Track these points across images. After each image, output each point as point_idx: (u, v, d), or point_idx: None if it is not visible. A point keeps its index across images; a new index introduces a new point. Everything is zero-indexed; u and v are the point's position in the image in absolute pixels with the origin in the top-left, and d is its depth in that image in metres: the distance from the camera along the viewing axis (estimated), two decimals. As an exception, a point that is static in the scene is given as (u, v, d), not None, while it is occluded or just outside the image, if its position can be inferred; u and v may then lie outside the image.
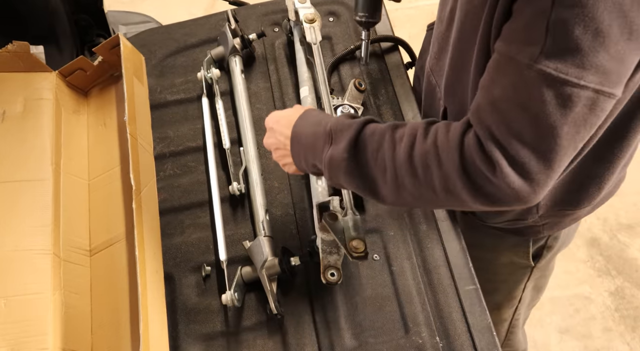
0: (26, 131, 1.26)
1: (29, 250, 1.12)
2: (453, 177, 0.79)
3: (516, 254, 1.26)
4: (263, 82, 1.39)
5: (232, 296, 1.06)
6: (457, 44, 0.96)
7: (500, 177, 0.76)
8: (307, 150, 0.95)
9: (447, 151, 0.79)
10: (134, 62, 1.34)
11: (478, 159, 0.77)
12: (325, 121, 0.93)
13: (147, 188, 1.18)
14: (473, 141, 0.78)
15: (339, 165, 0.88)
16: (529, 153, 0.75)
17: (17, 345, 1.02)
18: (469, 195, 0.79)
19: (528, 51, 0.73)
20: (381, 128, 0.87)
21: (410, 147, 0.82)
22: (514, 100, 0.75)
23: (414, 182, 0.83)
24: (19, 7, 1.49)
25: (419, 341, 1.04)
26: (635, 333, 2.16)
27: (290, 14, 1.34)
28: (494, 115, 0.76)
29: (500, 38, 0.78)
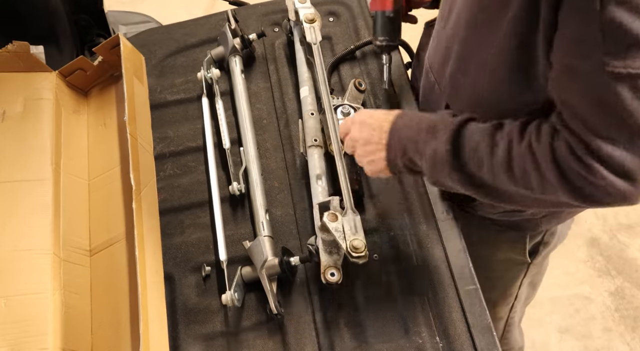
0: (26, 131, 1.26)
1: (29, 250, 1.12)
2: (552, 182, 0.81)
3: (513, 250, 1.26)
4: (263, 82, 1.39)
5: (232, 296, 1.06)
6: (465, 42, 0.96)
7: (600, 179, 0.77)
8: (407, 144, 0.96)
9: (542, 156, 0.82)
10: (134, 62, 1.34)
11: (575, 164, 0.79)
12: (427, 117, 0.96)
13: (147, 188, 1.18)
14: (565, 147, 0.80)
15: (442, 158, 0.90)
16: (624, 152, 0.75)
17: (17, 345, 1.02)
18: (568, 197, 0.82)
19: (591, 58, 0.73)
20: (481, 127, 0.90)
21: (508, 151, 0.85)
22: (595, 106, 0.76)
23: (510, 182, 0.87)
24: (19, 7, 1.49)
25: (418, 341, 1.04)
26: (635, 333, 2.16)
27: (291, 14, 1.34)
28: (579, 124, 0.78)
29: (556, 50, 0.79)
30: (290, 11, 1.34)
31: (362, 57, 1.39)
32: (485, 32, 0.89)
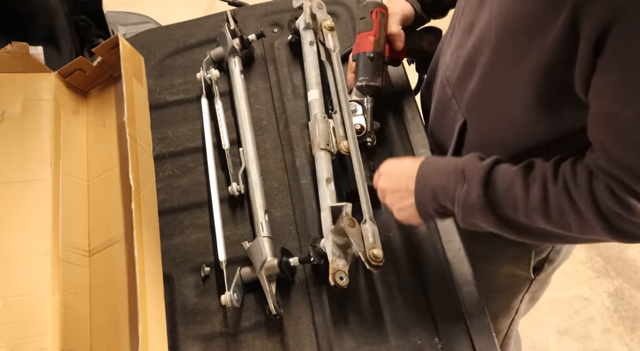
0: (25, 132, 1.26)
1: (28, 250, 1.12)
2: (592, 222, 0.82)
3: (517, 266, 1.25)
4: (262, 83, 1.39)
5: (231, 297, 1.06)
6: (491, 65, 0.93)
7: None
8: (436, 190, 0.95)
9: (580, 197, 0.82)
10: (133, 63, 1.34)
11: (615, 206, 0.79)
12: (454, 161, 0.95)
13: (146, 189, 1.18)
14: (604, 190, 0.80)
15: (475, 202, 0.90)
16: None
17: (16, 345, 1.02)
18: (608, 235, 0.83)
19: (634, 106, 0.73)
20: (513, 169, 0.89)
21: (544, 192, 0.85)
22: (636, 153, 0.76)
23: (547, 223, 0.87)
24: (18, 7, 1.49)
25: (417, 342, 1.04)
26: (634, 334, 2.16)
27: (306, 17, 1.32)
28: (621, 169, 0.78)
29: (594, 94, 0.78)
30: (307, 14, 1.33)
31: (362, 58, 1.39)
32: (516, 57, 0.87)
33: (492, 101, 0.97)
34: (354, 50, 1.23)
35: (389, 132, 1.27)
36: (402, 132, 1.27)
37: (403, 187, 1.00)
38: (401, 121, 1.28)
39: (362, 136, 1.15)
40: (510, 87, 0.91)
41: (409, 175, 0.99)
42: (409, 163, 1.02)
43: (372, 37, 1.20)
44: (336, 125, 1.18)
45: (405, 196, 1.00)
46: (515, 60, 0.87)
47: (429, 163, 0.99)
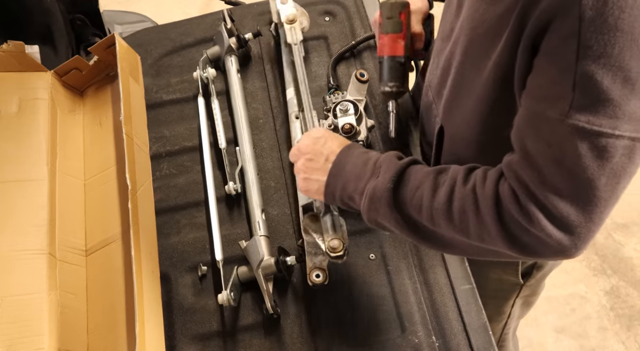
0: (21, 131, 1.26)
1: (24, 250, 1.12)
2: (489, 225, 0.79)
3: (505, 271, 1.24)
4: (259, 82, 1.39)
5: (228, 296, 1.06)
6: (461, 68, 0.94)
7: (538, 229, 0.76)
8: (349, 179, 0.93)
9: (484, 199, 0.80)
10: (130, 62, 1.34)
11: (515, 211, 0.77)
12: (375, 156, 0.93)
13: (143, 188, 1.18)
14: (508, 192, 0.78)
15: (382, 196, 0.88)
16: (568, 206, 0.74)
17: (13, 345, 1.01)
18: (504, 245, 0.80)
19: (557, 107, 0.72)
20: (426, 170, 0.88)
21: (450, 191, 0.83)
22: (549, 156, 0.74)
23: (448, 225, 0.84)
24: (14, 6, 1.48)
25: (415, 341, 1.04)
26: (631, 332, 2.16)
27: (274, 16, 1.34)
28: (529, 170, 0.76)
29: (525, 93, 0.78)
30: (274, 13, 1.33)
31: (358, 55, 1.39)
32: (477, 63, 0.87)
33: (461, 106, 0.97)
34: (380, 51, 1.18)
35: (384, 131, 1.27)
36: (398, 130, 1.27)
37: (322, 160, 0.96)
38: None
39: (352, 136, 1.15)
40: (473, 90, 0.91)
41: (335, 151, 0.96)
42: (341, 141, 0.98)
43: (402, 41, 1.15)
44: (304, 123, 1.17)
45: (319, 170, 0.96)
46: (479, 64, 0.87)
47: (353, 150, 0.96)
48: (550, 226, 0.75)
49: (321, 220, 1.04)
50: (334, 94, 1.23)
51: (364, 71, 1.25)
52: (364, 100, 1.23)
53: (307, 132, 1.04)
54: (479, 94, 0.89)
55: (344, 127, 1.14)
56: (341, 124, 1.14)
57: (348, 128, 1.14)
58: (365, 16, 1.44)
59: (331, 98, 1.22)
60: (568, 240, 0.76)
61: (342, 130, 1.14)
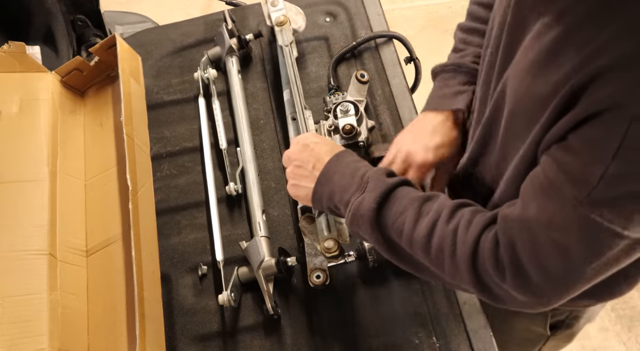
0: (22, 131, 1.26)
1: (25, 250, 1.12)
2: (462, 270, 0.79)
3: (533, 322, 1.21)
4: (260, 82, 1.39)
5: (228, 297, 1.06)
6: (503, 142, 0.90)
7: (510, 287, 0.76)
8: (335, 190, 0.92)
9: (463, 245, 0.79)
10: (131, 63, 1.34)
11: (490, 265, 0.77)
12: (364, 168, 0.92)
13: (143, 189, 1.18)
14: (490, 245, 0.77)
15: (364, 214, 0.87)
16: (548, 280, 0.74)
17: (14, 345, 1.01)
18: (474, 291, 0.80)
19: (576, 188, 0.70)
20: (413, 195, 0.87)
21: (432, 226, 0.82)
22: (548, 229, 0.73)
23: (425, 258, 0.84)
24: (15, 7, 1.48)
25: (415, 342, 1.04)
26: (632, 333, 2.16)
27: (267, 19, 1.34)
28: (523, 234, 0.75)
29: (549, 158, 0.75)
30: (267, 17, 1.34)
31: (359, 56, 1.39)
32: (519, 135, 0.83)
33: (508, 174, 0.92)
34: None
35: (385, 132, 1.27)
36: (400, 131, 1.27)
37: (309, 168, 0.96)
38: (398, 120, 1.28)
39: (353, 136, 1.15)
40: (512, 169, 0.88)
41: (322, 159, 0.95)
42: (329, 148, 0.97)
43: None
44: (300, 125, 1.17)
45: (307, 177, 0.96)
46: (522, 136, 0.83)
47: (342, 159, 0.94)
48: (524, 289, 0.75)
49: (316, 220, 1.04)
50: (335, 95, 1.23)
51: (364, 72, 1.25)
52: (364, 100, 1.23)
53: (296, 137, 1.03)
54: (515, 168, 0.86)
55: (345, 128, 1.14)
56: (342, 125, 1.14)
57: (349, 129, 1.14)
58: (366, 17, 1.44)
59: (331, 99, 1.22)
60: (537, 302, 0.77)
61: (342, 131, 1.14)
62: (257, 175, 1.22)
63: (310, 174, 0.96)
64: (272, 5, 1.33)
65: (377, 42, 1.40)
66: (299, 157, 0.98)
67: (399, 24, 2.87)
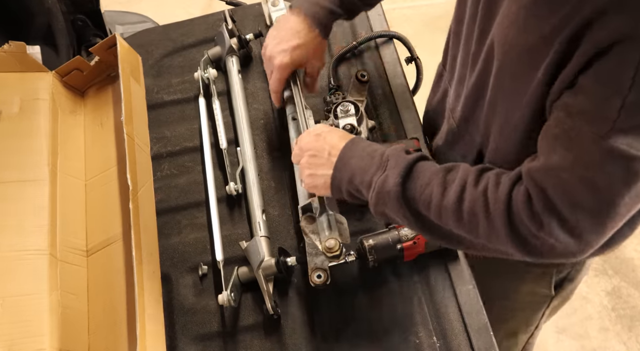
0: (22, 131, 1.26)
1: (25, 250, 1.12)
2: (498, 228, 0.80)
3: (538, 284, 1.22)
4: (260, 82, 1.39)
5: (228, 297, 1.06)
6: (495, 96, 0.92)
7: (548, 235, 0.77)
8: (354, 172, 0.93)
9: (495, 203, 0.80)
10: (131, 62, 1.34)
11: (526, 216, 0.78)
12: (381, 149, 0.93)
13: (144, 189, 1.18)
14: (522, 198, 0.78)
15: (390, 190, 0.88)
16: (584, 217, 0.75)
17: (14, 345, 1.02)
18: (511, 247, 0.81)
19: (596, 125, 0.71)
20: (434, 168, 0.88)
21: (460, 192, 0.83)
22: (575, 170, 0.74)
23: (457, 225, 0.84)
24: (15, 7, 1.48)
25: (416, 341, 1.04)
26: (632, 333, 2.16)
27: (267, 19, 1.34)
28: (551, 180, 0.76)
29: (560, 107, 0.77)
30: (267, 17, 1.34)
31: (359, 56, 1.39)
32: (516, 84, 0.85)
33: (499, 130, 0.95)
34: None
35: (385, 132, 1.27)
36: (400, 132, 1.27)
37: (325, 155, 0.96)
38: (399, 120, 1.28)
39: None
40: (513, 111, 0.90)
41: (337, 146, 0.96)
42: (341, 134, 0.99)
43: None
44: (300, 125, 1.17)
45: (324, 165, 0.96)
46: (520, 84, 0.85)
47: (358, 144, 0.96)
48: (562, 233, 0.76)
49: (317, 220, 1.04)
50: (335, 95, 1.23)
51: (364, 72, 1.25)
52: (364, 100, 1.23)
53: (307, 130, 1.04)
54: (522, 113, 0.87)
55: (345, 128, 1.14)
56: (342, 125, 1.14)
57: (349, 129, 1.14)
58: (366, 16, 1.44)
59: (332, 98, 1.22)
60: (576, 245, 0.77)
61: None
62: (257, 175, 1.22)
63: (326, 161, 0.96)
64: (272, 5, 1.34)
65: (377, 42, 1.40)
66: (312, 146, 0.99)
67: (399, 24, 2.87)
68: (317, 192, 1.01)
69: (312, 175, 0.99)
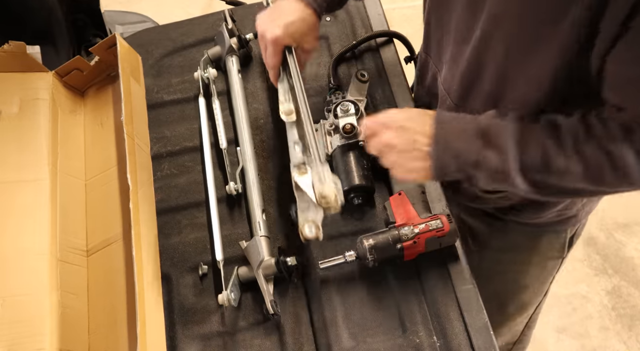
0: (23, 131, 1.26)
1: (25, 250, 1.12)
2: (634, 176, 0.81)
3: (552, 249, 1.22)
4: (260, 82, 1.39)
5: (228, 296, 1.06)
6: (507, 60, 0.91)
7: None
8: (459, 154, 0.89)
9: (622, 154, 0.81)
10: (131, 62, 1.34)
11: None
12: (474, 121, 0.89)
13: (144, 189, 1.18)
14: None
15: (505, 168, 0.85)
16: None
17: (14, 345, 1.02)
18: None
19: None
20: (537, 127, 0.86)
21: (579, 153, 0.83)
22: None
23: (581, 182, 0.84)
24: (15, 7, 1.48)
25: (416, 341, 1.04)
26: (632, 332, 2.16)
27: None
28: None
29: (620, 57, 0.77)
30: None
31: (359, 55, 1.39)
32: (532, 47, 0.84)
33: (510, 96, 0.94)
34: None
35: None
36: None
37: (416, 147, 0.90)
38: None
39: (353, 136, 1.15)
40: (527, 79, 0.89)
41: (423, 132, 0.90)
42: (420, 118, 0.92)
43: None
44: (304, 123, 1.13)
45: (418, 157, 0.91)
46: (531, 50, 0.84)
47: (447, 123, 0.90)
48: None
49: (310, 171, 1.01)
50: (335, 94, 1.23)
51: (364, 71, 1.25)
52: (364, 100, 1.23)
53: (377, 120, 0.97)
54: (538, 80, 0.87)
55: (345, 127, 1.14)
56: (342, 124, 1.14)
57: (349, 128, 1.14)
58: (366, 16, 1.44)
59: (332, 98, 1.22)
60: None
61: (342, 130, 1.14)
62: (257, 175, 1.22)
63: (419, 153, 0.91)
64: (271, 3, 1.33)
65: (377, 42, 1.40)
66: (398, 142, 0.93)
67: (399, 23, 2.87)
68: (417, 182, 0.98)
69: (409, 170, 0.94)
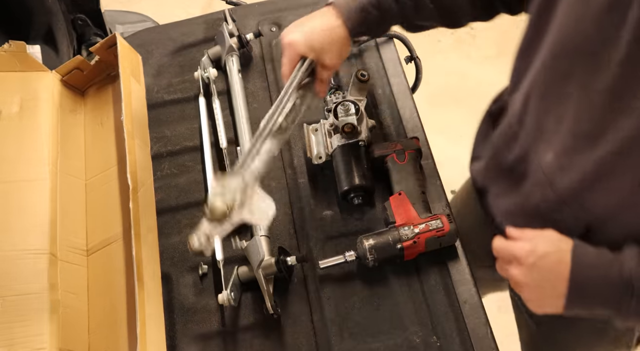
0: (23, 131, 1.26)
1: (25, 250, 1.12)
2: None
3: (617, 345, 1.17)
4: (260, 82, 1.39)
5: (228, 296, 1.06)
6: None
7: None
8: (595, 302, 0.85)
9: None
10: (131, 62, 1.34)
11: None
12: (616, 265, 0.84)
13: (144, 188, 1.18)
14: None
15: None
16: None
17: (14, 345, 1.02)
18: None
19: None
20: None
21: None
22: None
23: None
24: (16, 7, 1.49)
25: (416, 341, 1.04)
26: (632, 332, 2.16)
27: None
28: None
29: None
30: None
31: (359, 55, 1.39)
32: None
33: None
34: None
35: (386, 131, 1.27)
36: (400, 131, 1.27)
37: (549, 287, 0.86)
38: (399, 120, 1.28)
39: (353, 136, 1.15)
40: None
41: (558, 274, 0.85)
42: (555, 255, 0.86)
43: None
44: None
45: (551, 296, 0.86)
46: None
47: (585, 266, 0.85)
48: None
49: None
50: (335, 94, 1.23)
51: (365, 71, 1.25)
52: (364, 100, 1.23)
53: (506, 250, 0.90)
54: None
55: (345, 127, 1.14)
56: (342, 124, 1.14)
57: (349, 128, 1.14)
58: (366, 16, 1.44)
59: (332, 98, 1.22)
60: None
61: (343, 130, 1.14)
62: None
63: (552, 292, 0.86)
64: None
65: (377, 42, 1.40)
66: (530, 281, 0.87)
67: (399, 23, 2.86)
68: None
69: (541, 306, 0.89)
